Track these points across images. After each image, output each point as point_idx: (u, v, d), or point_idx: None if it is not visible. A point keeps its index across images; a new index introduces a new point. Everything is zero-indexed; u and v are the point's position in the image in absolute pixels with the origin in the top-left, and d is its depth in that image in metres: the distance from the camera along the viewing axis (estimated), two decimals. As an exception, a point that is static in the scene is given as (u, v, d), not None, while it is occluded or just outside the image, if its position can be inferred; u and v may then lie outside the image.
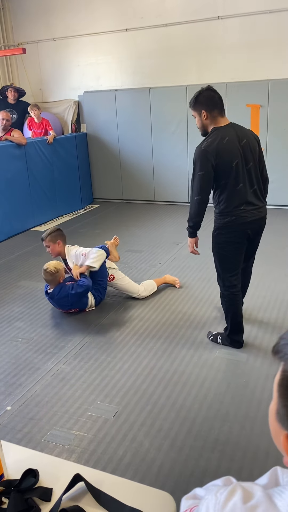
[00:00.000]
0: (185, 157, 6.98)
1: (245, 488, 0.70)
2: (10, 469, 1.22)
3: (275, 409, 0.70)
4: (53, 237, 3.84)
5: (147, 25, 6.83)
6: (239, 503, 0.68)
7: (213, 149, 2.77)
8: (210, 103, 2.84)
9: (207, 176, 2.81)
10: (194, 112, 2.89)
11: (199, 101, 2.85)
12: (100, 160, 7.68)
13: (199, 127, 2.94)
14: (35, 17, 7.61)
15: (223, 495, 0.70)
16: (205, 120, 2.86)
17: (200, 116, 2.86)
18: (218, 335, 3.27)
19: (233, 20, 6.33)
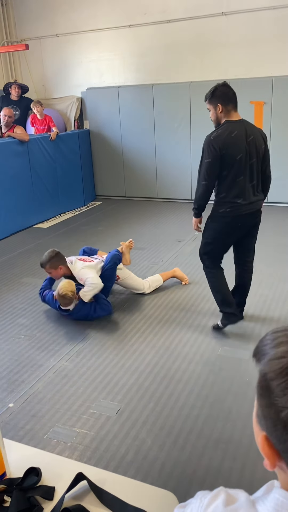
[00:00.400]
0: (188, 154, 6.95)
1: (230, 493, 0.71)
2: (12, 467, 1.21)
3: (255, 412, 0.71)
4: (53, 264, 3.68)
5: (151, 21, 6.80)
6: (220, 506, 0.69)
7: (221, 140, 2.96)
8: (226, 98, 3.02)
9: (214, 163, 2.99)
10: (210, 106, 3.07)
11: (216, 96, 3.02)
12: (102, 157, 7.67)
13: (213, 119, 3.10)
14: (38, 13, 7.59)
15: (206, 499, 0.71)
16: (220, 113, 3.04)
17: (216, 109, 3.04)
18: (216, 323, 3.42)
19: (237, 16, 6.29)
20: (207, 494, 0.73)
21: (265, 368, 0.66)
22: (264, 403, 0.66)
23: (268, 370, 0.65)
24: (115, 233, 5.84)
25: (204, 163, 3.03)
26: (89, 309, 3.63)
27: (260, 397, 0.67)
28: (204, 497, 0.73)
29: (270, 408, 0.64)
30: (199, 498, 0.74)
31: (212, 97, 3.03)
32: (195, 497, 0.81)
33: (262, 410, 0.66)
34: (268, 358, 0.66)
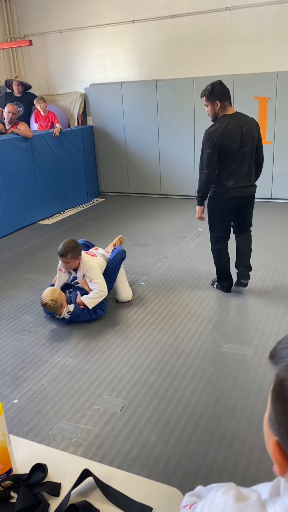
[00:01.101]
0: (192, 150, 6.93)
1: (241, 490, 0.70)
2: (18, 463, 1.22)
3: (268, 415, 0.69)
4: (75, 253, 3.55)
5: (154, 16, 6.77)
6: (231, 501, 0.68)
7: (218, 133, 3.39)
8: (223, 95, 3.42)
9: (213, 154, 3.41)
10: (208, 102, 3.44)
11: (214, 93, 3.40)
12: (106, 153, 7.65)
13: (211, 114, 3.50)
14: (41, 9, 7.56)
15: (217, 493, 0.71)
16: (218, 109, 3.44)
17: (214, 105, 3.43)
18: (215, 282, 3.99)
19: (241, 11, 6.25)
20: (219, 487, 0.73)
21: (283, 374, 0.64)
22: (279, 409, 0.64)
23: (285, 376, 0.64)
24: (119, 230, 5.83)
25: (205, 153, 3.43)
26: (86, 317, 3.59)
27: (275, 401, 0.65)
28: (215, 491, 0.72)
29: (285, 414, 0.63)
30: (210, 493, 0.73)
31: (211, 94, 3.40)
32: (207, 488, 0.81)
33: (276, 416, 0.65)
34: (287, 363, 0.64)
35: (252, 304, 3.74)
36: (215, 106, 3.43)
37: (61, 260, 3.61)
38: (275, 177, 6.49)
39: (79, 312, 3.59)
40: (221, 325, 3.44)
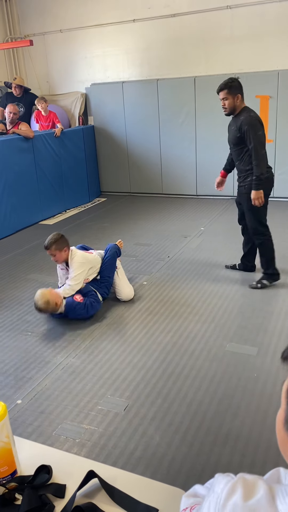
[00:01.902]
0: (193, 149, 6.92)
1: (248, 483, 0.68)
2: (23, 465, 1.21)
3: (283, 416, 0.67)
4: (59, 245, 3.65)
5: (155, 15, 6.75)
6: (239, 502, 0.66)
7: (259, 117, 3.66)
8: (242, 89, 3.66)
9: (264, 135, 3.65)
10: (229, 95, 3.62)
11: (235, 86, 3.61)
12: (107, 153, 7.64)
13: (230, 107, 3.67)
14: (42, 9, 7.55)
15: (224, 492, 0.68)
16: (237, 102, 3.64)
17: (234, 98, 3.62)
18: (262, 281, 3.94)
19: (242, 9, 6.23)
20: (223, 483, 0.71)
21: None
22: None
23: None
24: (121, 229, 5.83)
25: (257, 136, 3.58)
26: (82, 310, 3.59)
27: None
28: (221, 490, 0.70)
29: None
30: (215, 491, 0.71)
31: (231, 87, 3.60)
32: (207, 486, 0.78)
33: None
34: None
35: (255, 303, 3.73)
36: (235, 99, 3.62)
37: (48, 253, 3.70)
38: (276, 175, 6.42)
39: (75, 305, 3.57)
40: (224, 325, 3.43)
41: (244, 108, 3.69)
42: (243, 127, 3.59)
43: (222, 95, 3.64)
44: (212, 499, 0.70)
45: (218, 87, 3.66)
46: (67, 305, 3.58)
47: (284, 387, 0.67)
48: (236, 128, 3.67)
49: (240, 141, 3.67)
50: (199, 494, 0.92)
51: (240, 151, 3.74)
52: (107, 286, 3.86)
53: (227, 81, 3.64)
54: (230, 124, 3.82)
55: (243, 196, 3.85)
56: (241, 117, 3.63)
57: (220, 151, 6.79)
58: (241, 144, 3.69)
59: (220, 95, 3.66)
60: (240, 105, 3.68)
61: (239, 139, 3.66)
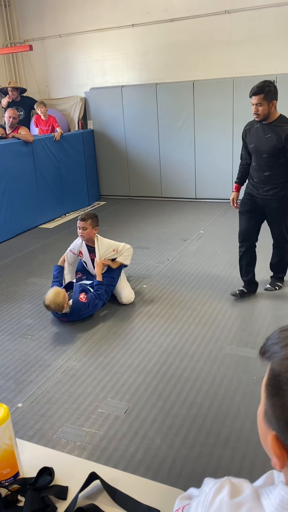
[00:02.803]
0: (192, 153, 6.95)
1: (234, 483, 0.71)
2: (25, 467, 1.22)
3: (263, 410, 0.69)
4: (94, 222, 3.85)
5: (154, 20, 6.80)
6: (226, 498, 0.69)
7: None
8: (277, 95, 3.31)
9: None
10: (264, 101, 3.27)
11: (272, 92, 3.27)
12: (106, 157, 7.67)
13: (263, 114, 3.33)
14: (41, 14, 7.59)
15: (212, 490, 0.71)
16: (272, 109, 3.32)
17: (269, 105, 3.28)
18: (276, 283, 3.94)
19: (240, 14, 6.27)
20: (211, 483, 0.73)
21: (278, 368, 0.65)
22: (276, 403, 0.64)
23: (281, 370, 0.64)
24: (120, 233, 5.84)
25: None
26: (85, 310, 3.63)
27: (272, 396, 0.66)
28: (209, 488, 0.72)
29: (283, 408, 0.63)
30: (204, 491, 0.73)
31: (269, 93, 3.25)
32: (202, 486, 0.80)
33: (273, 410, 0.65)
34: (281, 357, 0.65)
35: (254, 306, 3.74)
36: (270, 106, 3.30)
37: (81, 224, 3.82)
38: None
39: (80, 306, 3.60)
40: (224, 327, 3.44)
41: (281, 116, 3.41)
42: None
43: (256, 99, 3.29)
44: (200, 498, 0.74)
45: (252, 90, 3.30)
46: (73, 306, 3.59)
47: (264, 381, 0.69)
48: (278, 137, 3.34)
49: (281, 152, 3.37)
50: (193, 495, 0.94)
51: (274, 162, 3.44)
52: (108, 292, 3.85)
53: (263, 84, 3.27)
54: (258, 131, 3.47)
55: (274, 209, 3.57)
56: (284, 126, 3.33)
57: (219, 155, 6.84)
58: (279, 156, 3.39)
59: (254, 99, 3.30)
60: (275, 112, 3.38)
61: (280, 150, 3.36)
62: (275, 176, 3.47)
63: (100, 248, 3.86)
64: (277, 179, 3.48)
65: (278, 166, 3.44)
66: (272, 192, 3.52)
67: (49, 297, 3.55)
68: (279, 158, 3.40)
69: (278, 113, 3.39)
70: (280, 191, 3.50)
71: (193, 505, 0.75)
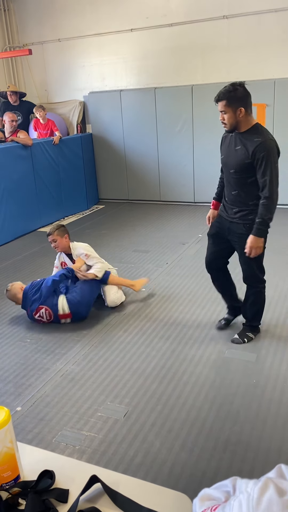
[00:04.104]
0: (191, 157, 6.97)
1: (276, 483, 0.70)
2: (26, 470, 1.22)
3: None
4: (61, 232, 3.93)
5: (152, 25, 6.83)
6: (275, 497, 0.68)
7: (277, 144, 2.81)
8: (247, 99, 2.76)
9: None
10: (227, 108, 2.73)
11: (237, 98, 2.71)
12: (105, 161, 7.69)
13: (230, 123, 2.78)
14: (40, 18, 7.63)
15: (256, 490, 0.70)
16: (241, 117, 2.75)
17: (235, 113, 2.73)
18: (246, 334, 3.28)
19: (238, 19, 6.31)
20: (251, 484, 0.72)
21: None
22: None
23: None
24: (119, 236, 5.85)
25: (275, 167, 2.75)
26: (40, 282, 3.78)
27: None
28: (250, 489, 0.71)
29: None
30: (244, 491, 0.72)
31: (233, 98, 2.70)
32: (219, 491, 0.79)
33: None
34: None
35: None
36: (237, 114, 2.73)
37: (49, 239, 3.93)
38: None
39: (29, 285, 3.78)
40: (223, 331, 3.44)
41: (257, 126, 2.80)
42: (258, 153, 2.71)
43: (219, 106, 2.76)
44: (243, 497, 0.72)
45: (216, 96, 2.77)
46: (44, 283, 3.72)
47: None
48: (246, 150, 2.77)
49: (249, 168, 2.79)
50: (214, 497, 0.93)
51: (243, 180, 2.86)
52: None
53: (227, 88, 2.73)
54: (230, 142, 2.91)
55: (240, 236, 2.95)
56: (254, 138, 2.74)
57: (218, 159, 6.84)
58: (247, 173, 2.81)
59: (218, 106, 2.77)
60: (247, 120, 2.78)
61: (248, 166, 2.78)
62: (243, 196, 2.90)
63: (75, 248, 3.97)
64: (246, 200, 2.89)
65: (247, 185, 2.85)
66: (239, 214, 2.94)
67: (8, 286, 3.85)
68: (248, 175, 2.82)
69: (253, 122, 2.81)
70: (249, 214, 2.90)
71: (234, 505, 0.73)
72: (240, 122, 2.78)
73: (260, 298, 3.21)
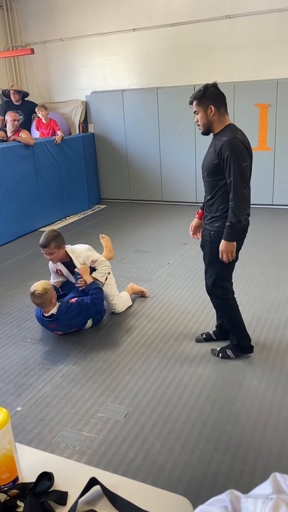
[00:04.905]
0: (193, 157, 6.95)
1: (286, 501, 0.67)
2: (24, 472, 1.21)
3: None
4: (58, 242, 3.42)
5: (155, 24, 6.82)
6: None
7: (247, 142, 2.69)
8: (218, 99, 2.71)
9: (250, 167, 2.68)
10: (199, 108, 2.71)
11: (207, 96, 2.68)
12: (107, 160, 7.68)
13: (202, 124, 2.75)
14: (43, 18, 7.62)
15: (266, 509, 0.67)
16: (212, 116, 2.70)
17: (206, 112, 2.70)
18: (226, 350, 3.09)
19: (241, 19, 6.30)
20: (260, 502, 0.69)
21: None
22: None
23: None
24: (120, 236, 5.84)
25: (242, 167, 2.61)
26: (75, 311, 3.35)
27: None
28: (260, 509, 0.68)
29: None
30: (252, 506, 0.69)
31: (203, 97, 2.68)
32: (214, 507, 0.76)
33: None
34: None
35: (254, 311, 3.73)
36: (208, 113, 2.70)
37: (44, 251, 3.42)
38: (276, 183, 6.51)
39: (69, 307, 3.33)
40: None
41: (229, 126, 2.73)
42: (224, 151, 2.62)
43: (193, 107, 2.76)
44: None
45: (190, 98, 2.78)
46: (61, 306, 3.36)
47: None
48: (214, 151, 2.70)
49: (217, 169, 2.69)
50: None
51: (214, 183, 2.75)
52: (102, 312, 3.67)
53: (199, 89, 2.73)
54: (209, 146, 2.85)
55: (206, 244, 2.88)
56: (223, 138, 2.66)
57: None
58: (217, 175, 2.70)
59: (193, 108, 2.77)
60: (220, 120, 2.72)
61: (216, 166, 2.69)
62: (215, 201, 2.78)
63: (77, 257, 3.51)
64: (217, 206, 2.78)
65: (219, 189, 2.73)
66: (208, 221, 2.84)
67: (35, 285, 3.30)
68: (218, 177, 2.71)
69: (227, 122, 2.75)
70: (216, 221, 2.78)
71: None
72: (213, 122, 2.73)
73: (227, 313, 3.03)
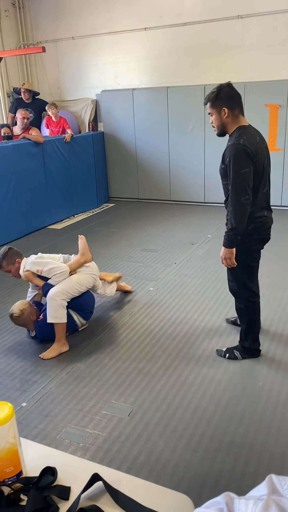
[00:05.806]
0: (202, 157, 6.95)
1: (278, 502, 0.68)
2: (28, 466, 1.22)
3: None
4: (10, 258, 3.38)
5: (166, 24, 6.81)
6: None
7: (254, 147, 2.60)
8: (232, 100, 2.67)
9: (251, 173, 2.61)
10: (212, 110, 2.70)
11: (220, 98, 2.64)
12: (116, 159, 7.69)
13: (217, 125, 2.73)
14: (54, 16, 7.65)
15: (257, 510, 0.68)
16: (226, 118, 2.67)
17: (220, 113, 2.67)
18: (234, 351, 3.10)
19: (252, 19, 6.28)
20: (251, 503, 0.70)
21: None
22: None
23: None
24: (128, 235, 5.85)
25: (241, 174, 2.58)
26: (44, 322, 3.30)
27: None
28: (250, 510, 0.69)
29: None
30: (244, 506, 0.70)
31: (216, 99, 2.65)
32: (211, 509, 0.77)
33: None
34: None
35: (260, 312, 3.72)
36: (222, 115, 2.67)
37: (3, 271, 3.45)
38: (285, 184, 6.48)
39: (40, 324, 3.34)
40: (230, 332, 3.43)
41: (238, 129, 2.67)
42: (226, 157, 2.64)
43: (208, 109, 2.74)
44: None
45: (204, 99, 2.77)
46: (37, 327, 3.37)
47: None
48: (223, 155, 2.71)
49: (226, 173, 2.70)
50: None
51: (226, 187, 2.75)
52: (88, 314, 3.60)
53: (213, 89, 2.70)
54: None
55: None
56: (229, 142, 2.68)
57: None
58: (227, 178, 2.70)
59: (207, 109, 2.76)
60: (233, 122, 2.68)
61: (224, 171, 2.71)
62: (227, 204, 2.74)
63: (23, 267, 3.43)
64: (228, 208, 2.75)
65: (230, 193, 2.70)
66: (226, 223, 2.81)
67: (12, 307, 3.33)
68: (227, 182, 2.70)
69: (240, 124, 2.70)
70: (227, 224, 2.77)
71: None
72: (227, 124, 2.70)
73: (248, 316, 3.04)
